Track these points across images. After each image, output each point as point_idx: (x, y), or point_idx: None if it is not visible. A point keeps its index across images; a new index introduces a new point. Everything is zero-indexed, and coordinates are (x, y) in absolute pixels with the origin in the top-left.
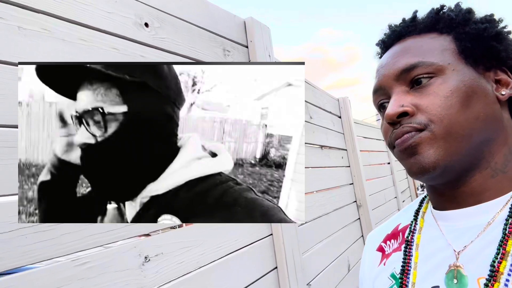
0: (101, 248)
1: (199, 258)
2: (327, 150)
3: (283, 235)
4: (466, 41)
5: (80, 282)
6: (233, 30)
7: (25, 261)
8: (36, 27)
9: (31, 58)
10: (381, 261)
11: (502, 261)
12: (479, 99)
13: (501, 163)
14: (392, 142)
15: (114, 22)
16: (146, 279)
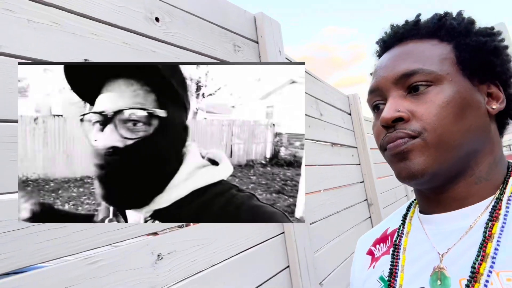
0: (112, 247)
1: (212, 256)
2: (338, 148)
3: (295, 233)
4: (466, 53)
5: (91, 281)
6: (243, 25)
7: (35, 259)
8: (45, 20)
9: (41, 52)
10: (371, 264)
11: (482, 263)
12: (472, 112)
13: (485, 171)
14: (384, 145)
15: (125, 16)
16: (159, 277)
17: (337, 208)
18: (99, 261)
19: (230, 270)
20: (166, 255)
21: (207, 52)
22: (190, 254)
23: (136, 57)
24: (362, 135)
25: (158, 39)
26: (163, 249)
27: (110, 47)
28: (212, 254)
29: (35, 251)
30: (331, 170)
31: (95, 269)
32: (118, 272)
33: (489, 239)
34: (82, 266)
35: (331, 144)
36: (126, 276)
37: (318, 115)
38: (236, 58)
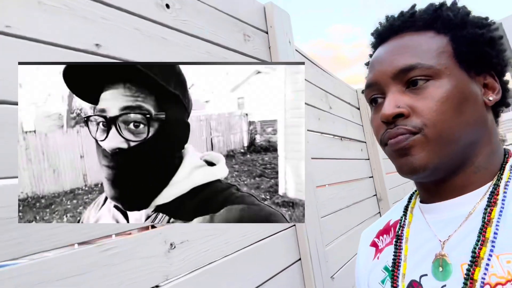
0: (126, 235)
1: (224, 247)
2: (347, 142)
3: (306, 226)
4: (463, 45)
5: (104, 268)
6: (253, 14)
7: (47, 245)
8: (56, 2)
9: (50, 34)
10: (375, 255)
11: (482, 247)
12: (470, 105)
13: (484, 161)
14: (384, 140)
15: (136, 2)
16: (172, 266)
17: (347, 203)
18: (112, 248)
19: (242, 261)
20: (178, 244)
21: (217, 41)
22: (202, 244)
23: (147, 44)
24: (371, 130)
25: (168, 26)
26: (175, 238)
27: (120, 33)
28: (224, 245)
29: (47, 237)
30: (341, 164)
31: (108, 257)
32: (131, 260)
33: (488, 224)
34: (95, 254)
35: (340, 138)
36: (139, 264)
37: (327, 108)
38: (246, 48)
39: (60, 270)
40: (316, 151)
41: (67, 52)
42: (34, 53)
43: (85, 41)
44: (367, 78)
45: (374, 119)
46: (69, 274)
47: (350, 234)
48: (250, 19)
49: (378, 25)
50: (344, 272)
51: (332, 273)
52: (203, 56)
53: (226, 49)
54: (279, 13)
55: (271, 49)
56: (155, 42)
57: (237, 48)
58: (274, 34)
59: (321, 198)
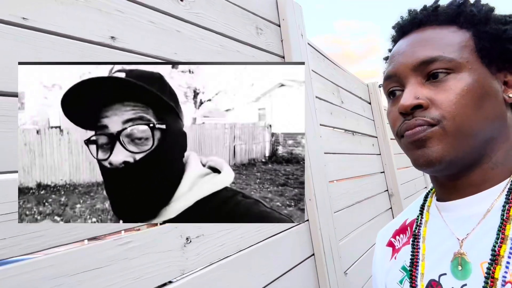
0: (143, 228)
1: (239, 241)
2: (359, 137)
3: (319, 221)
4: (485, 41)
5: (122, 262)
6: (265, 7)
7: (67, 239)
8: None
9: (66, 27)
10: (392, 255)
11: (502, 245)
12: (490, 100)
13: (502, 157)
14: (401, 132)
15: None
16: (188, 261)
17: (359, 198)
18: (129, 242)
19: (256, 256)
20: (194, 238)
21: (230, 34)
22: (218, 239)
23: (162, 37)
24: (382, 124)
25: (182, 18)
26: (191, 232)
27: (135, 25)
28: (239, 239)
29: (67, 231)
30: (353, 159)
31: (126, 251)
32: (148, 254)
33: (507, 221)
34: (113, 247)
35: (352, 133)
36: (156, 258)
37: (339, 102)
38: (258, 41)
39: (77, 264)
40: (329, 146)
41: (83, 45)
42: (50, 45)
43: (100, 34)
44: (387, 70)
45: (392, 112)
46: (86, 268)
47: (363, 229)
48: (262, 11)
49: (399, 18)
50: (357, 267)
51: (345, 269)
52: (217, 49)
53: (239, 42)
54: (291, 5)
55: (284, 42)
56: (170, 35)
57: (250, 42)
58: (287, 27)
59: (334, 193)
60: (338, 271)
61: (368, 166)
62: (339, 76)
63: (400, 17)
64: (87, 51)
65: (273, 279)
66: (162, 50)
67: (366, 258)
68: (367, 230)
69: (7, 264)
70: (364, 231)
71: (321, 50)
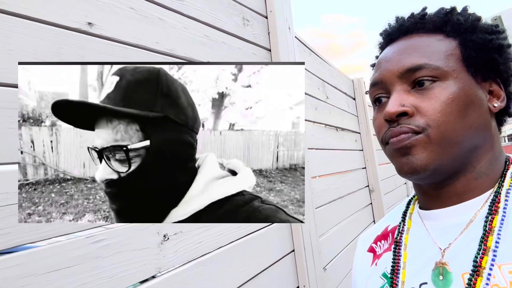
0: (118, 225)
1: (218, 238)
2: (342, 132)
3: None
4: (471, 50)
5: (95, 260)
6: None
7: (35, 236)
8: None
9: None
10: (373, 261)
11: (484, 256)
12: (475, 109)
13: (485, 167)
14: (386, 139)
15: None
16: (165, 258)
17: (340, 194)
18: (103, 239)
19: (236, 252)
20: (172, 235)
21: (216, 24)
22: (196, 236)
23: (143, 24)
24: (365, 120)
25: (165, 6)
26: (169, 229)
27: (115, 11)
28: (218, 236)
29: (34, 227)
30: (336, 155)
31: (99, 248)
32: (123, 252)
33: (490, 232)
34: (85, 245)
35: (336, 129)
36: (131, 256)
37: (324, 97)
38: (245, 32)
39: (48, 263)
40: (312, 141)
41: (57, 30)
42: (22, 30)
43: (77, 19)
44: (373, 77)
45: (377, 118)
46: (57, 266)
47: (343, 225)
48: (250, 2)
49: (387, 26)
50: (336, 263)
51: (324, 264)
52: (201, 39)
53: (225, 33)
54: None
55: (270, 34)
56: (151, 23)
57: (236, 33)
58: (274, 19)
59: (315, 189)
60: (318, 267)
61: (350, 162)
62: (325, 71)
63: (387, 24)
64: (62, 37)
65: (252, 276)
66: (142, 38)
67: (345, 253)
68: (347, 225)
69: None
70: (343, 226)
71: (308, 44)
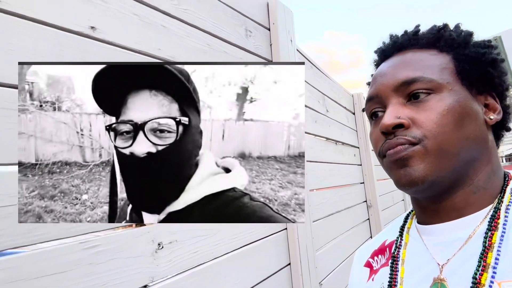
0: (112, 231)
1: (214, 249)
2: (341, 146)
3: (297, 230)
4: (465, 63)
5: (88, 267)
6: (256, 9)
7: (29, 239)
8: None
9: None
10: (370, 276)
11: (483, 273)
12: (471, 121)
13: (483, 181)
14: (383, 152)
15: None
16: (158, 267)
17: (338, 208)
18: (97, 246)
19: (231, 264)
20: (167, 244)
21: (218, 33)
22: (192, 245)
23: (146, 31)
24: (364, 135)
25: (169, 13)
26: (164, 238)
27: (118, 16)
28: (214, 246)
29: (29, 231)
30: (334, 169)
31: (92, 255)
32: (116, 259)
33: (489, 248)
34: (78, 251)
35: (335, 142)
36: (124, 264)
37: (324, 111)
38: (247, 43)
39: (39, 267)
40: (312, 154)
41: (59, 33)
42: (22, 30)
43: (79, 23)
44: (368, 92)
45: (374, 132)
46: (49, 272)
47: (340, 240)
48: (253, 14)
49: (381, 44)
50: (332, 278)
51: (320, 279)
52: (203, 48)
53: (227, 43)
54: (282, 10)
55: (272, 46)
56: (154, 30)
57: (238, 43)
58: (277, 31)
59: (313, 202)
60: (314, 281)
61: (348, 176)
62: (326, 85)
63: (382, 42)
64: (63, 40)
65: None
66: (145, 44)
67: (342, 269)
68: (344, 240)
69: None
70: (341, 241)
71: (309, 58)
